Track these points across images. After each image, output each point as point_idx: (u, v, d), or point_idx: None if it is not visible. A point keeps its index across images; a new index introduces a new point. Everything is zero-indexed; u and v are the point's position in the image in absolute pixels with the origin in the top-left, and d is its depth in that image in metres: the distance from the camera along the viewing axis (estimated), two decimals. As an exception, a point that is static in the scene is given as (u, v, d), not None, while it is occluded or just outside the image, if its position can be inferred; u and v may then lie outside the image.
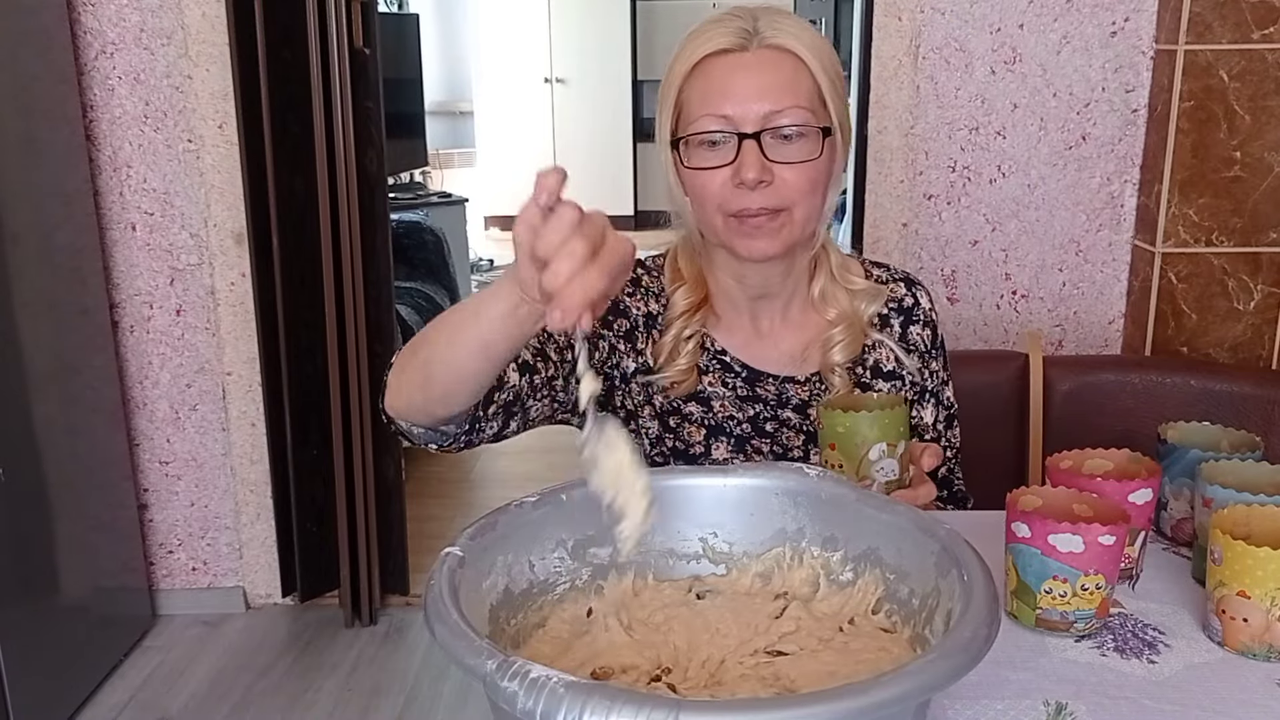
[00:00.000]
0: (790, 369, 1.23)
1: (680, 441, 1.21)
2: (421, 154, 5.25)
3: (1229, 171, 2.13)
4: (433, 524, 3.05)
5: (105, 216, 2.42)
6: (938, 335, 1.29)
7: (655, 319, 1.21)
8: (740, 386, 1.22)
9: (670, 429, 1.21)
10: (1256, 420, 1.56)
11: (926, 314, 1.28)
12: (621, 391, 1.22)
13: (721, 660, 0.79)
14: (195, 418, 2.55)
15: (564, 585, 0.86)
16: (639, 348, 1.21)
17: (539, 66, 7.07)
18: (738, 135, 1.10)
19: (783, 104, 1.10)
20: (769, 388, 1.22)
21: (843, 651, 0.79)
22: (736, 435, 1.21)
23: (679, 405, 1.21)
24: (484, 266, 6.38)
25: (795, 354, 1.23)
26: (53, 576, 2.21)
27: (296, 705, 2.30)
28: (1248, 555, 0.89)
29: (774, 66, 1.11)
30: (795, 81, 1.11)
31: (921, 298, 1.28)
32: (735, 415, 1.21)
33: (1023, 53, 2.25)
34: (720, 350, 1.23)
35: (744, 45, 1.11)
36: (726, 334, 1.23)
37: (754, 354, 1.23)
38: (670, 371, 1.19)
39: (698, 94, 1.12)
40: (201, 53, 2.33)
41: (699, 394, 1.21)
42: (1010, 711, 0.83)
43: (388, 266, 2.55)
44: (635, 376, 1.21)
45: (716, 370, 1.22)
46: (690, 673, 0.78)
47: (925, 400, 1.27)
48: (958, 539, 0.76)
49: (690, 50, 1.13)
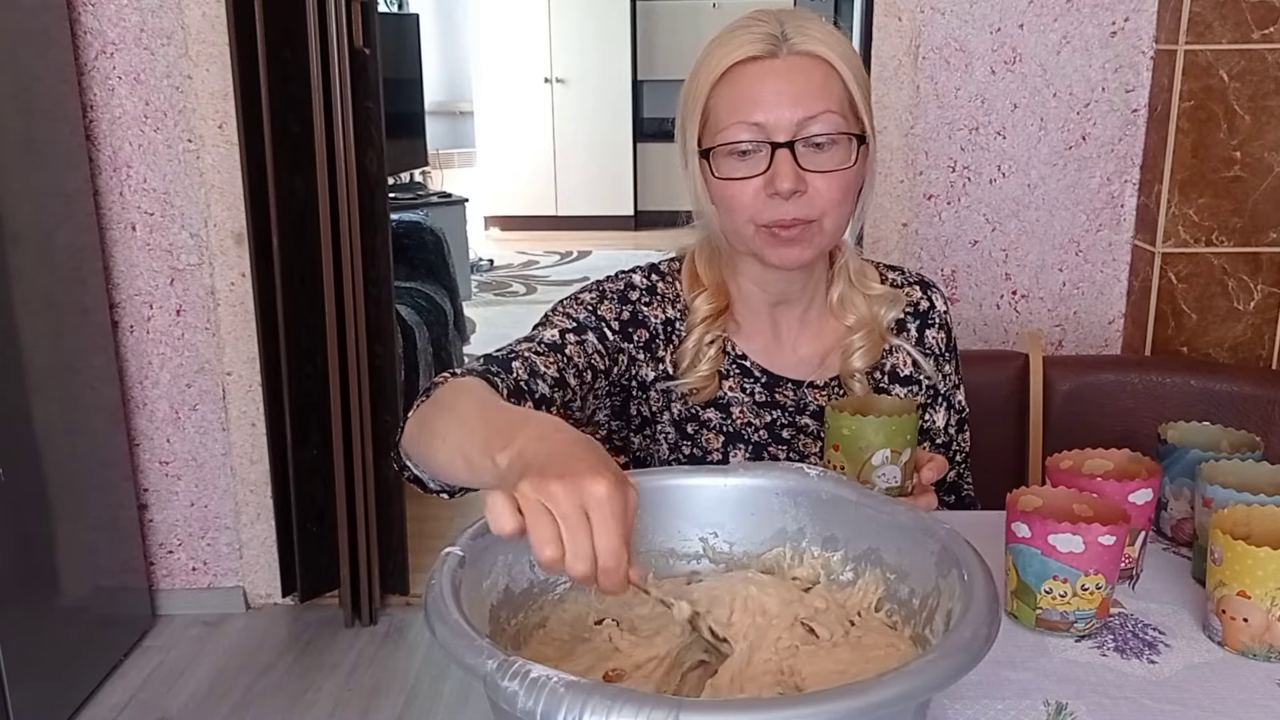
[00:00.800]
0: (809, 374, 1.22)
1: (698, 449, 1.20)
2: (421, 154, 5.25)
3: (1229, 171, 2.13)
4: (433, 524, 3.05)
5: (105, 216, 2.42)
6: (951, 338, 1.29)
7: (674, 325, 1.20)
8: (759, 392, 1.21)
9: (688, 436, 1.20)
10: (1256, 420, 1.56)
11: (941, 317, 1.28)
12: (639, 400, 1.21)
13: (768, 617, 0.80)
14: (195, 418, 2.55)
15: (564, 585, 0.86)
16: (659, 355, 1.19)
17: (539, 66, 7.07)
18: (771, 145, 1.08)
19: (815, 110, 1.07)
20: (787, 393, 1.21)
21: (857, 646, 0.79)
22: (754, 443, 1.20)
23: (697, 412, 1.20)
24: (484, 266, 6.39)
25: (814, 359, 1.23)
26: (53, 576, 2.21)
27: (296, 705, 2.30)
28: (1248, 555, 0.89)
29: (805, 73, 1.08)
30: (826, 88, 1.09)
31: (937, 300, 1.28)
32: (753, 422, 1.20)
33: (1023, 53, 2.25)
34: (741, 355, 1.22)
35: (773, 52, 1.08)
36: (747, 340, 1.23)
37: (774, 360, 1.22)
38: (692, 378, 1.18)
39: (726, 102, 1.10)
40: (201, 53, 2.33)
41: (718, 400, 1.20)
42: (1010, 711, 0.83)
43: (388, 266, 2.55)
44: (654, 384, 1.20)
45: (736, 375, 1.21)
46: (735, 617, 0.80)
47: (938, 404, 1.27)
48: (958, 539, 0.76)
49: (718, 58, 1.10)
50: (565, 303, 1.18)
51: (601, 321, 1.16)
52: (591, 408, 1.16)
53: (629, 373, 1.19)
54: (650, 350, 1.19)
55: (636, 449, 1.24)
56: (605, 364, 1.14)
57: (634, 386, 1.20)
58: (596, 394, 1.14)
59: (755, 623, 0.81)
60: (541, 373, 1.03)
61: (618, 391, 1.20)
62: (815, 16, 1.13)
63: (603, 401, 1.19)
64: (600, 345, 1.13)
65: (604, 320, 1.16)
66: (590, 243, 7.00)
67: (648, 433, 1.22)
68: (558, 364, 1.06)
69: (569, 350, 1.09)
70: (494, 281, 6.13)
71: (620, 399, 1.21)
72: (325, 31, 2.31)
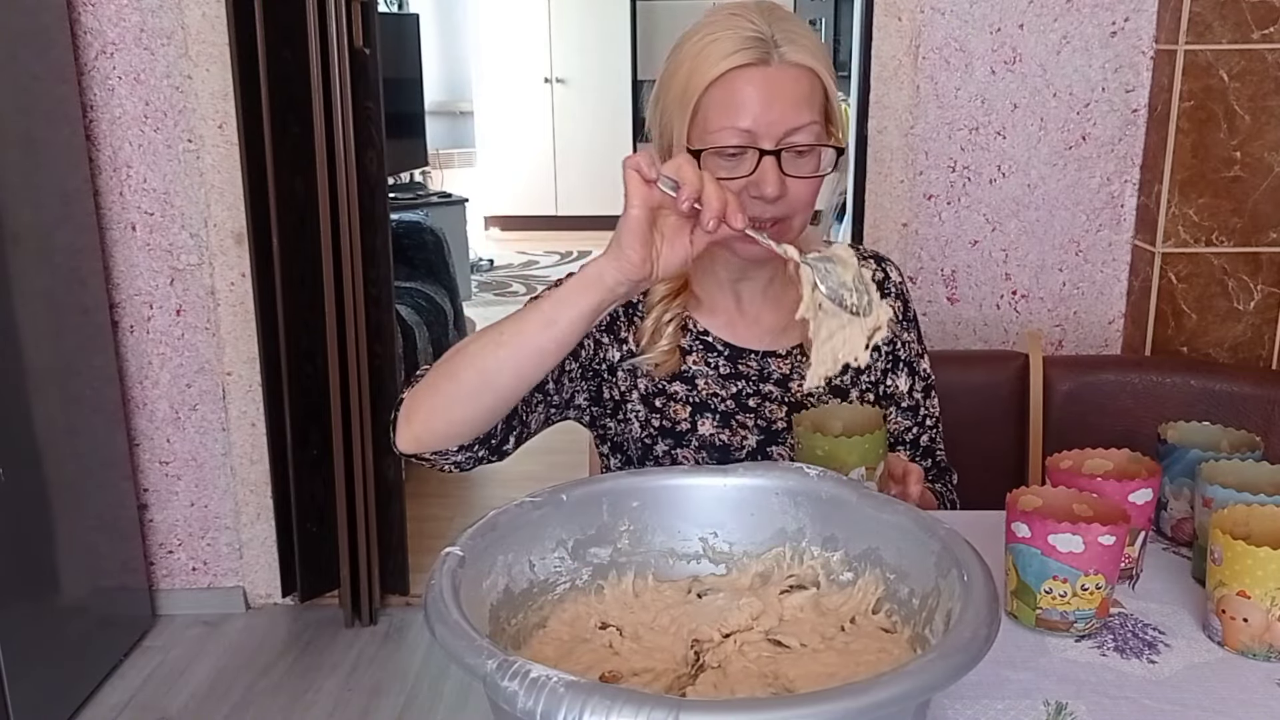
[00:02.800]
0: (771, 343, 1.26)
1: (667, 420, 1.23)
2: (421, 154, 5.25)
3: (1229, 171, 2.13)
4: (433, 524, 3.05)
5: (105, 216, 2.42)
6: (909, 308, 1.34)
7: (635, 305, 1.24)
8: (723, 365, 1.25)
9: (656, 409, 1.24)
10: (1256, 420, 1.56)
11: (897, 286, 1.34)
12: (609, 384, 1.24)
13: (733, 630, 0.81)
14: (195, 418, 2.55)
15: (564, 585, 0.86)
16: (621, 336, 1.23)
17: (539, 66, 7.06)
18: (758, 151, 1.10)
19: (801, 121, 1.11)
20: (751, 364, 1.25)
21: (843, 652, 0.79)
22: (721, 411, 1.24)
23: (664, 386, 1.24)
24: (484, 266, 6.38)
25: (776, 329, 1.27)
26: (53, 576, 2.21)
27: (296, 705, 2.30)
28: (1248, 555, 0.89)
29: (794, 83, 1.11)
30: (812, 98, 1.12)
31: (891, 272, 1.34)
32: (719, 393, 1.24)
33: (1023, 53, 2.25)
34: (702, 331, 1.26)
35: (765, 59, 1.10)
36: (709, 315, 1.26)
37: (736, 332, 1.26)
38: (653, 353, 1.22)
39: (717, 105, 1.12)
40: (201, 53, 2.33)
41: (683, 374, 1.24)
42: (1010, 711, 0.83)
43: (388, 267, 2.55)
44: (620, 364, 1.23)
45: (699, 350, 1.25)
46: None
47: (899, 369, 1.32)
48: (958, 539, 0.76)
49: (710, 62, 1.11)
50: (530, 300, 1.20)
51: None
52: (569, 391, 1.21)
53: (597, 356, 1.23)
54: (613, 332, 1.23)
55: (613, 434, 1.27)
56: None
57: (604, 370, 1.24)
58: (570, 376, 1.19)
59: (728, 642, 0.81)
60: None
61: (590, 375, 1.23)
62: (792, 15, 1.17)
63: (579, 384, 1.22)
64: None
65: None
66: (590, 243, 6.99)
67: (620, 416, 1.25)
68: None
69: None
70: (494, 281, 6.13)
71: (595, 384, 1.24)
72: (325, 31, 2.31)
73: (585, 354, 1.21)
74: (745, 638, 0.81)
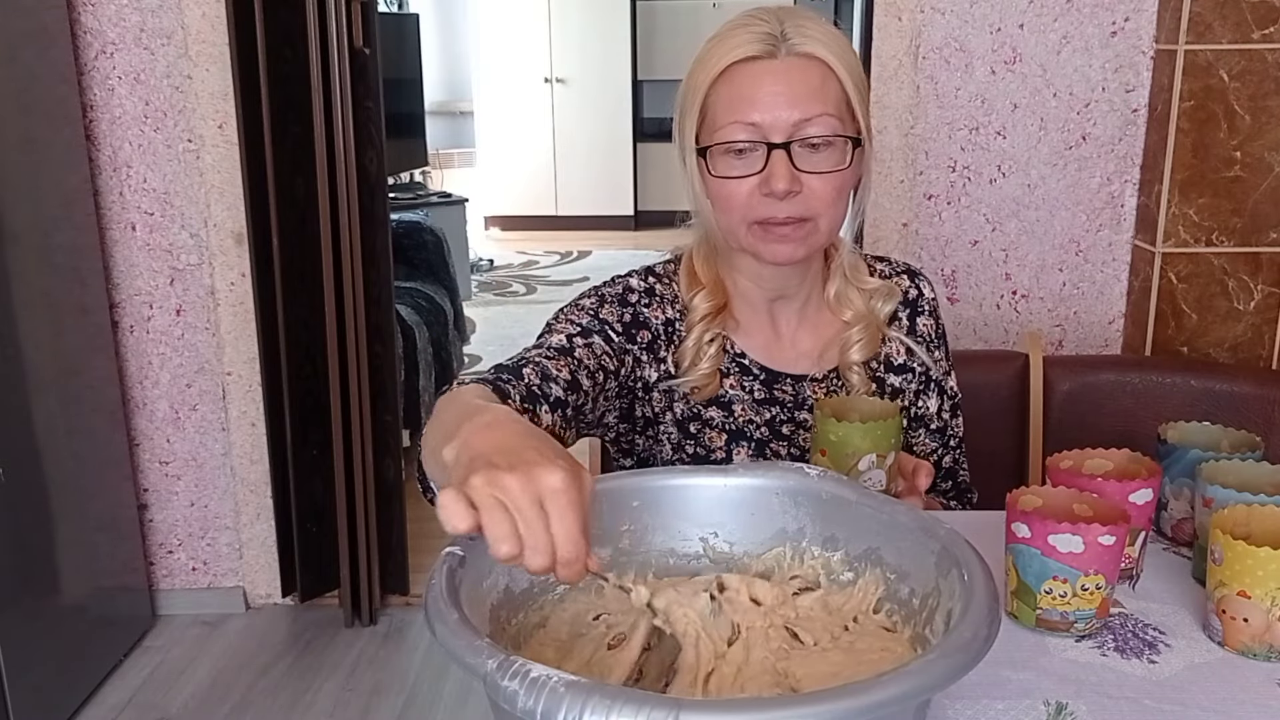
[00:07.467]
0: (808, 369, 1.23)
1: (701, 448, 1.21)
2: (421, 154, 5.25)
3: (1229, 171, 2.13)
4: (433, 524, 3.00)
5: (105, 216, 2.42)
6: (940, 324, 1.30)
7: (674, 325, 1.21)
8: (758, 389, 1.22)
9: (691, 435, 1.21)
10: (1256, 420, 1.56)
11: (930, 304, 1.29)
12: (642, 401, 1.21)
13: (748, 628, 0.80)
14: (195, 418, 2.55)
15: (564, 585, 0.85)
16: (660, 356, 1.20)
17: (539, 66, 7.06)
18: (767, 145, 1.08)
19: (811, 112, 1.08)
20: (786, 389, 1.22)
21: (849, 650, 0.79)
22: (756, 439, 1.21)
23: (700, 411, 1.21)
24: (484, 266, 6.38)
25: (813, 354, 1.24)
26: (53, 576, 2.21)
27: (296, 705, 2.30)
28: (1248, 555, 0.89)
29: (802, 74, 1.09)
30: (824, 90, 1.09)
31: (924, 288, 1.29)
32: (754, 419, 1.21)
33: (1023, 53, 2.25)
34: (739, 353, 1.23)
35: (772, 52, 1.08)
36: (745, 336, 1.23)
37: (772, 355, 1.23)
38: (693, 376, 1.19)
39: (724, 101, 1.10)
40: (201, 53, 2.33)
41: (720, 398, 1.21)
42: (1010, 711, 0.83)
43: (388, 267, 2.55)
44: (657, 385, 1.20)
45: (736, 374, 1.22)
46: (682, 612, 0.79)
47: (931, 390, 1.28)
48: (958, 539, 0.76)
49: (716, 56, 1.10)
50: (566, 310, 1.18)
51: (605, 324, 1.16)
52: (601, 409, 1.16)
53: (634, 374, 1.20)
54: (653, 351, 1.20)
55: (640, 450, 1.25)
56: (614, 364, 1.14)
57: (639, 388, 1.21)
58: (607, 395, 1.15)
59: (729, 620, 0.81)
60: (554, 376, 1.03)
61: (624, 393, 1.20)
62: (815, 16, 1.14)
63: (612, 403, 1.19)
64: (607, 347, 1.14)
65: (607, 323, 1.17)
66: (590, 243, 7.00)
67: (650, 434, 1.22)
68: (569, 367, 1.06)
69: (578, 353, 1.09)
70: (494, 281, 6.13)
71: (627, 401, 1.21)
72: (325, 31, 2.31)
73: (625, 371, 1.17)
74: (771, 619, 0.81)
